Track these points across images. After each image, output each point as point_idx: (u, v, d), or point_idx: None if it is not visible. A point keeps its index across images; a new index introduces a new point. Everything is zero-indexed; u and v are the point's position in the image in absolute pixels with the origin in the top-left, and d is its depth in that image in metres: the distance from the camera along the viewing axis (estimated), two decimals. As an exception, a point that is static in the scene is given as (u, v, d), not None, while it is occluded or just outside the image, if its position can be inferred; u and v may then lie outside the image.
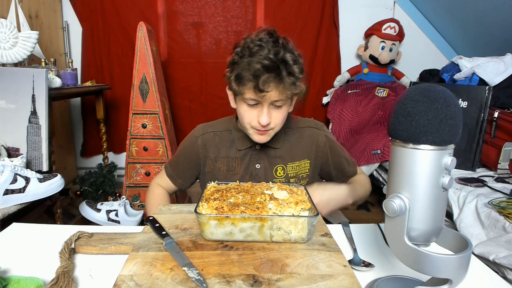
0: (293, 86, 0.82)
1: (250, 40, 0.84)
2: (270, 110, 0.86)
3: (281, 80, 0.80)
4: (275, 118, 0.88)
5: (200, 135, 1.02)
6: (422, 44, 2.78)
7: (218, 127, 1.03)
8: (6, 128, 1.40)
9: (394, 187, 0.48)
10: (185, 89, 2.71)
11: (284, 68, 0.80)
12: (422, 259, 0.45)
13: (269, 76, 0.79)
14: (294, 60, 0.83)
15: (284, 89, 0.82)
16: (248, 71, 0.80)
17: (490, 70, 1.83)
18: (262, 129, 0.88)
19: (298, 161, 1.00)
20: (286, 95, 0.83)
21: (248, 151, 0.99)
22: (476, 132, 1.71)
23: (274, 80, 0.80)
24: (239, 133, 0.99)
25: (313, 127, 1.02)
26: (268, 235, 0.61)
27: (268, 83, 0.80)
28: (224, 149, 1.00)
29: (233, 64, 0.86)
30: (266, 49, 0.81)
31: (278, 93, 0.83)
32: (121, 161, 2.74)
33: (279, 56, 0.80)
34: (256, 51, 0.81)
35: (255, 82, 0.80)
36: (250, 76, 0.80)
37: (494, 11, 2.03)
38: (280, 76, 0.80)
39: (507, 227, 1.15)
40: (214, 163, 1.01)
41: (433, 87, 0.45)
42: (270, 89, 0.81)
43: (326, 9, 2.63)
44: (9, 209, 1.13)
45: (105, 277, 0.56)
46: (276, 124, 0.89)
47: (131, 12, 2.54)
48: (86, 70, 2.65)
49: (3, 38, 1.48)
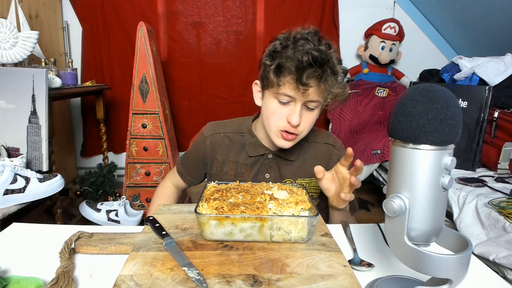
0: (336, 86, 0.77)
1: (295, 32, 0.79)
2: (302, 111, 0.80)
3: (325, 78, 0.75)
4: (305, 121, 0.82)
5: (210, 135, 0.97)
6: (422, 44, 2.79)
7: (229, 128, 0.97)
8: (6, 128, 1.40)
9: (394, 187, 0.48)
10: (185, 89, 2.71)
11: (329, 66, 0.76)
12: (422, 259, 0.45)
13: (315, 70, 0.74)
14: (339, 60, 0.79)
15: (325, 88, 0.77)
16: (291, 62, 0.74)
17: (490, 70, 1.83)
18: (290, 130, 0.81)
19: (309, 178, 0.93)
20: (325, 96, 0.78)
21: (259, 159, 0.93)
22: (476, 132, 1.71)
23: (317, 76, 0.74)
24: (253, 138, 0.94)
25: (330, 144, 0.96)
26: (268, 235, 0.61)
27: (311, 78, 0.74)
28: (234, 153, 0.95)
29: (274, 53, 0.79)
30: (312, 43, 0.76)
31: (318, 92, 0.77)
32: (121, 161, 2.75)
33: (326, 52, 0.76)
34: (301, 44, 0.76)
35: (298, 75, 0.74)
36: (293, 68, 0.74)
37: (494, 11, 2.03)
38: (324, 73, 0.75)
39: (507, 227, 1.15)
40: (221, 166, 0.96)
41: (433, 87, 0.45)
42: (312, 84, 0.75)
43: (326, 9, 2.63)
44: (9, 209, 1.13)
45: (105, 277, 0.56)
46: (304, 128, 0.83)
47: (131, 12, 2.54)
48: (86, 70, 2.65)
49: (3, 38, 1.48)
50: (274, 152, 0.93)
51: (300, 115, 0.80)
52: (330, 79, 0.76)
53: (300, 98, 0.78)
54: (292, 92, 0.77)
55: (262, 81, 0.84)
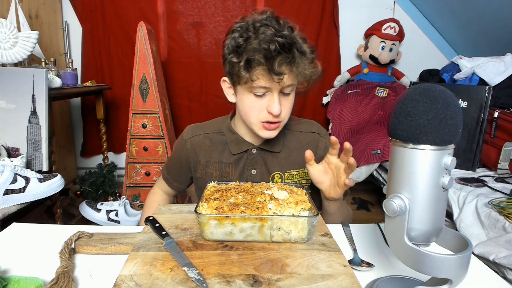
0: (308, 67, 0.76)
1: (251, 20, 0.76)
2: (280, 99, 0.79)
3: (294, 61, 0.73)
4: (284, 107, 0.80)
5: (189, 138, 0.94)
6: (422, 44, 2.78)
7: (208, 129, 0.95)
8: (6, 128, 1.40)
9: (394, 187, 0.48)
10: (185, 89, 2.71)
11: (297, 48, 0.74)
12: (422, 259, 0.45)
13: (284, 57, 0.72)
14: (303, 38, 0.77)
15: (297, 71, 0.75)
16: (260, 53, 0.72)
17: (490, 70, 1.83)
18: (273, 120, 0.80)
19: (298, 169, 0.92)
20: (299, 79, 0.77)
21: (242, 156, 0.91)
22: (476, 132, 1.71)
23: (288, 62, 0.73)
24: (234, 135, 0.91)
25: (316, 132, 0.94)
26: (268, 235, 0.61)
27: (282, 65, 0.72)
28: (216, 153, 0.92)
29: (238, 48, 0.75)
30: (272, 28, 0.74)
31: (291, 77, 0.76)
32: (121, 161, 2.75)
33: (290, 35, 0.74)
34: (263, 32, 0.73)
35: (270, 65, 0.72)
36: (262, 59, 0.72)
37: (494, 11, 2.03)
38: (293, 57, 0.73)
39: (507, 227, 1.15)
40: (205, 169, 0.93)
41: (433, 87, 0.45)
42: (285, 71, 0.74)
43: (326, 9, 2.63)
44: (9, 209, 1.13)
45: (105, 277, 0.56)
46: (285, 114, 0.81)
47: (131, 12, 2.54)
48: (86, 70, 2.65)
49: (3, 38, 1.48)
50: (258, 146, 0.91)
51: (280, 103, 0.78)
52: (300, 61, 0.75)
53: (276, 86, 0.76)
54: (267, 83, 0.75)
55: (232, 78, 0.81)
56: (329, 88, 2.77)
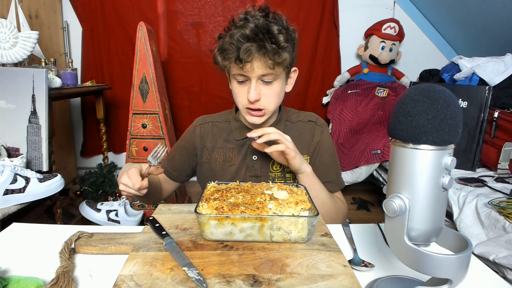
0: (276, 55, 0.79)
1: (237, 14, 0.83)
2: (259, 86, 0.84)
3: (263, 50, 0.78)
4: (266, 95, 0.85)
5: (199, 125, 1.02)
6: (422, 44, 2.78)
7: (217, 118, 1.03)
8: (6, 128, 1.40)
9: (394, 187, 0.48)
10: (185, 89, 2.71)
11: (268, 38, 0.78)
12: (422, 259, 0.45)
13: (251, 45, 0.77)
14: (280, 30, 0.80)
15: (270, 59, 0.79)
16: (231, 44, 0.79)
17: (490, 70, 1.83)
18: (252, 107, 0.85)
19: None
20: (270, 66, 0.80)
21: (245, 142, 0.97)
22: (476, 132, 1.71)
23: (256, 49, 0.78)
24: (238, 123, 0.99)
25: (313, 121, 1.00)
26: (268, 235, 0.61)
27: (249, 53, 0.78)
28: (222, 140, 0.99)
29: (218, 39, 0.85)
30: (252, 22, 0.79)
31: (262, 65, 0.80)
32: (121, 161, 2.75)
33: (262, 26, 0.79)
34: (241, 25, 0.80)
35: (237, 53, 0.78)
36: (233, 48, 0.79)
37: (494, 11, 2.03)
38: (262, 45, 0.78)
39: (507, 227, 1.15)
40: (211, 154, 0.99)
41: (433, 87, 0.45)
42: (251, 59, 0.78)
43: (326, 9, 2.63)
44: (9, 209, 1.13)
45: (105, 277, 0.56)
46: (267, 103, 0.86)
47: (131, 12, 2.54)
48: (86, 70, 2.65)
49: (3, 38, 1.48)
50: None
51: (257, 90, 0.84)
52: (269, 48, 0.78)
53: (252, 74, 0.82)
54: (240, 70, 0.82)
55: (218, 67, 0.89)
56: (329, 88, 2.77)
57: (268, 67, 0.81)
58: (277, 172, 0.96)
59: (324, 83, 2.77)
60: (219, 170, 0.98)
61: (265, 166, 0.96)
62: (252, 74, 0.82)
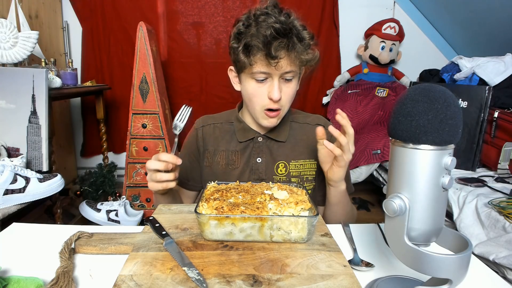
0: (305, 52, 0.78)
1: (254, 10, 0.81)
2: (281, 85, 0.82)
3: (292, 46, 0.76)
4: (285, 94, 0.83)
5: (201, 127, 0.98)
6: (422, 44, 2.78)
7: (218, 119, 0.99)
8: (6, 128, 1.40)
9: (394, 187, 0.48)
10: (185, 89, 2.71)
11: (294, 34, 0.77)
12: (422, 259, 0.45)
13: (281, 41, 0.75)
14: (303, 26, 0.80)
15: (296, 56, 0.78)
16: (257, 39, 0.76)
17: (490, 70, 1.83)
18: (273, 107, 0.83)
19: (303, 160, 0.94)
20: (297, 64, 0.80)
21: (249, 144, 0.94)
22: (476, 132, 1.71)
23: (285, 46, 0.76)
24: (241, 124, 0.95)
25: (321, 124, 0.95)
26: (268, 235, 0.61)
27: (280, 50, 0.76)
28: (224, 142, 0.96)
29: (239, 35, 0.80)
30: (273, 16, 0.77)
31: (289, 62, 0.78)
32: (121, 161, 2.74)
33: (287, 22, 0.77)
34: (263, 20, 0.77)
35: (267, 50, 0.75)
36: (260, 44, 0.76)
37: (494, 11, 2.03)
38: (291, 42, 0.76)
39: (507, 227, 1.15)
40: (212, 157, 0.95)
41: (433, 87, 0.45)
42: (282, 55, 0.76)
43: (326, 9, 2.63)
44: (9, 209, 1.13)
45: (105, 277, 0.56)
46: (285, 101, 0.84)
47: (131, 12, 2.54)
48: (86, 70, 2.65)
49: (3, 38, 1.48)
50: (264, 135, 0.94)
51: (280, 89, 0.81)
52: (298, 46, 0.77)
53: (275, 72, 0.79)
54: (265, 68, 0.79)
55: (236, 66, 0.86)
56: (329, 88, 2.77)
57: (295, 64, 0.79)
58: (282, 176, 0.93)
59: (324, 83, 2.77)
60: (222, 174, 0.94)
61: (269, 168, 0.93)
62: (276, 72, 0.79)
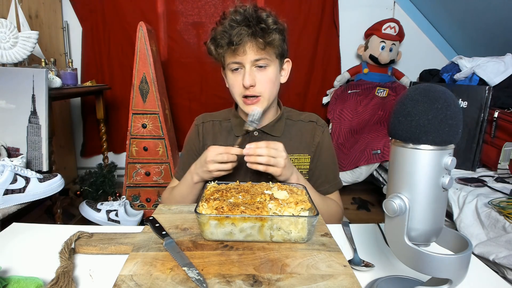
0: (266, 34, 0.82)
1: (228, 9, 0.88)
2: (253, 73, 0.86)
3: (254, 33, 0.81)
4: (260, 81, 0.87)
5: (201, 123, 1.03)
6: (422, 44, 2.79)
7: (217, 117, 1.04)
8: (6, 128, 1.40)
9: (394, 187, 0.48)
10: (185, 89, 2.71)
11: (257, 22, 0.82)
12: (422, 259, 0.45)
13: (241, 29, 0.81)
14: (268, 15, 0.85)
15: (262, 43, 0.82)
16: (222, 32, 0.83)
17: (490, 70, 1.83)
18: (248, 93, 0.87)
19: (298, 154, 0.97)
20: (261, 47, 0.83)
21: (245, 138, 0.96)
22: (476, 132, 1.71)
23: (246, 32, 0.81)
24: (237, 119, 0.99)
25: (314, 121, 1.01)
26: (268, 235, 0.61)
27: (240, 36, 0.81)
28: (222, 138, 1.00)
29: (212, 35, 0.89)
30: (239, 11, 0.84)
31: (256, 49, 0.84)
32: (121, 161, 2.74)
33: (251, 13, 0.83)
34: (229, 15, 0.84)
35: (228, 39, 0.82)
36: (225, 35, 0.82)
37: (494, 11, 2.03)
38: (254, 29, 0.81)
39: (507, 227, 1.15)
40: None
41: (433, 87, 0.45)
42: (242, 41, 0.82)
43: (326, 9, 2.63)
44: (9, 209, 1.12)
45: (105, 277, 0.56)
46: (263, 88, 0.88)
47: (131, 12, 2.54)
48: (86, 70, 2.65)
49: (3, 38, 1.48)
50: (259, 129, 0.97)
51: (252, 76, 0.86)
52: (259, 32, 0.82)
53: (245, 60, 0.85)
54: (234, 57, 0.85)
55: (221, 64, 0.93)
56: (329, 88, 2.77)
57: (259, 47, 0.83)
58: None
59: (324, 83, 2.77)
60: None
61: None
62: (245, 59, 0.85)
